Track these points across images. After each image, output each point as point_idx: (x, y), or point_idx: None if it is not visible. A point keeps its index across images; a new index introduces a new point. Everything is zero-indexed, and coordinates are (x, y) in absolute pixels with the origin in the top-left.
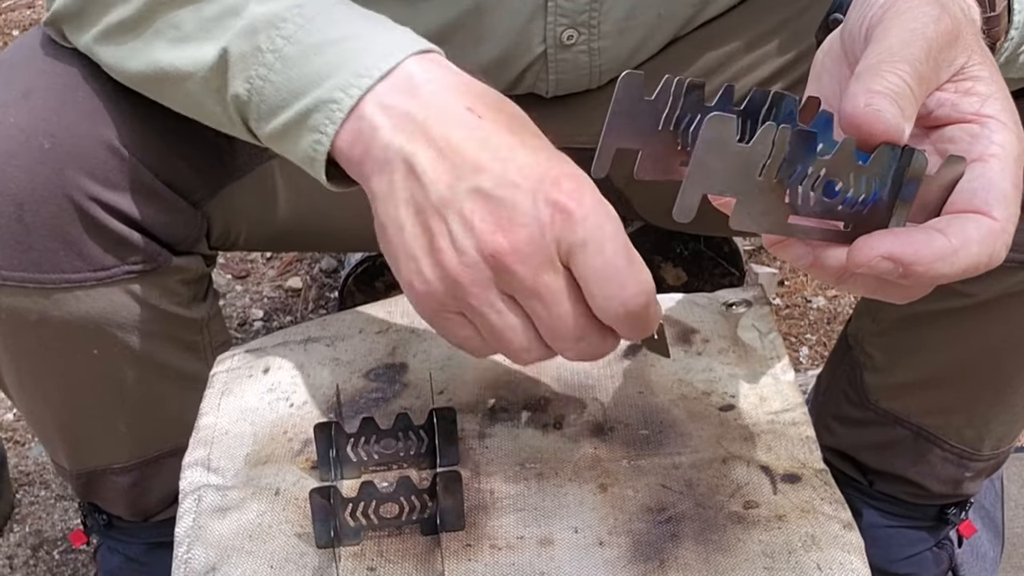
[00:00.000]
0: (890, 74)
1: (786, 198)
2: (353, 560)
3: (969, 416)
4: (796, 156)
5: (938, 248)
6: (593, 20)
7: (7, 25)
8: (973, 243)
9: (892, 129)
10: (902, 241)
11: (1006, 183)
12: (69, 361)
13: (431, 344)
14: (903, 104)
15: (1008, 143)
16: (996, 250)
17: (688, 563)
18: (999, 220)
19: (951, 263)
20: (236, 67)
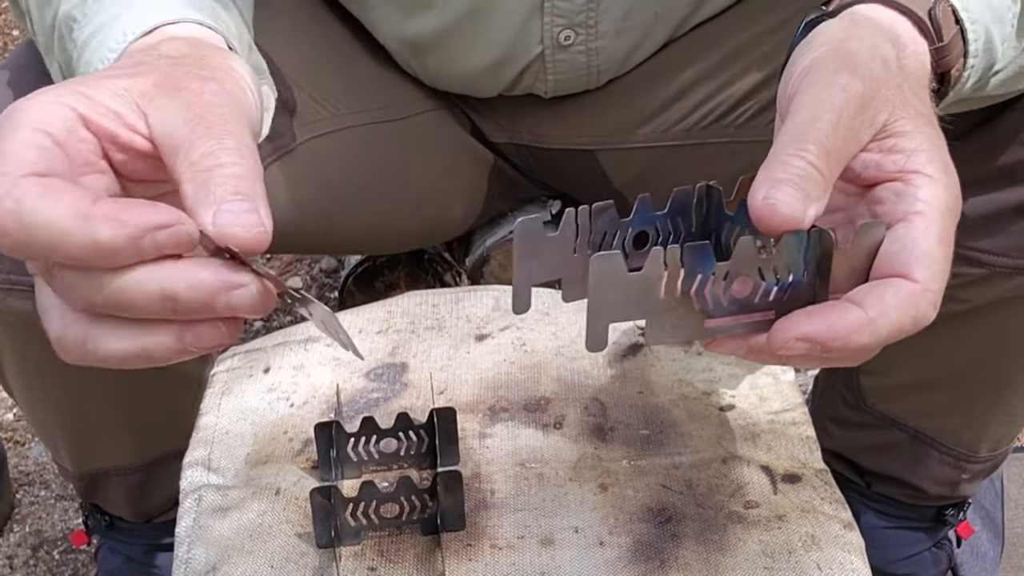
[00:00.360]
0: (793, 158)
1: (696, 306)
2: (353, 560)
3: (965, 419)
4: (694, 269)
5: (852, 322)
6: (590, 20)
7: (7, 25)
8: (891, 310)
9: (789, 220)
10: (815, 320)
11: (929, 241)
12: (73, 364)
13: (431, 344)
14: (807, 186)
15: (934, 197)
16: (920, 311)
17: (688, 563)
18: (920, 281)
19: (870, 333)
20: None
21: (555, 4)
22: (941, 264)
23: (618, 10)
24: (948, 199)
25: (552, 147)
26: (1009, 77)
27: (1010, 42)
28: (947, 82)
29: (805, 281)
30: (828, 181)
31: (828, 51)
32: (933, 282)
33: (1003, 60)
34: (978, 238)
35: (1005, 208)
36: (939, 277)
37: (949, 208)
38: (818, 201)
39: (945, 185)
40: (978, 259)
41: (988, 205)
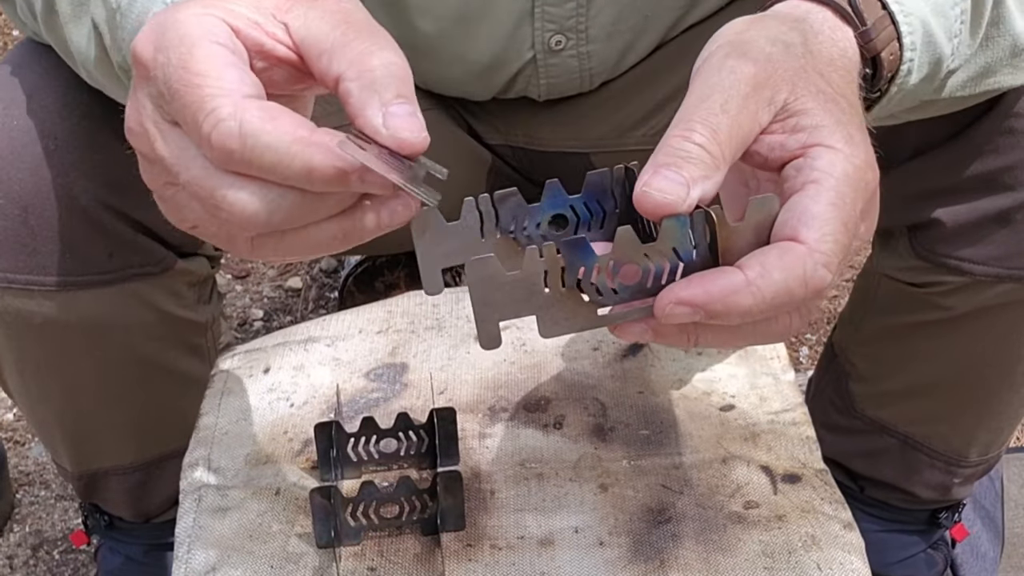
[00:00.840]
0: (677, 139)
1: (585, 297)
2: (353, 560)
3: (954, 425)
4: (574, 262)
5: (729, 283)
6: (580, 25)
7: (7, 25)
8: (774, 270)
9: (663, 205)
10: (693, 284)
11: (818, 205)
12: (73, 363)
13: (431, 344)
14: (690, 169)
15: (831, 165)
16: (808, 272)
17: (688, 563)
18: (806, 242)
19: (751, 294)
20: (107, 37)
21: (545, 10)
22: (833, 226)
23: (608, 14)
24: (847, 167)
25: (547, 149)
26: (971, 77)
27: (962, 39)
28: (880, 66)
29: (696, 261)
30: (718, 160)
31: (724, 43)
32: (822, 243)
33: (958, 58)
34: (959, 247)
35: (985, 217)
36: (831, 239)
37: (848, 175)
38: (705, 181)
39: (846, 155)
40: (959, 267)
41: (968, 214)
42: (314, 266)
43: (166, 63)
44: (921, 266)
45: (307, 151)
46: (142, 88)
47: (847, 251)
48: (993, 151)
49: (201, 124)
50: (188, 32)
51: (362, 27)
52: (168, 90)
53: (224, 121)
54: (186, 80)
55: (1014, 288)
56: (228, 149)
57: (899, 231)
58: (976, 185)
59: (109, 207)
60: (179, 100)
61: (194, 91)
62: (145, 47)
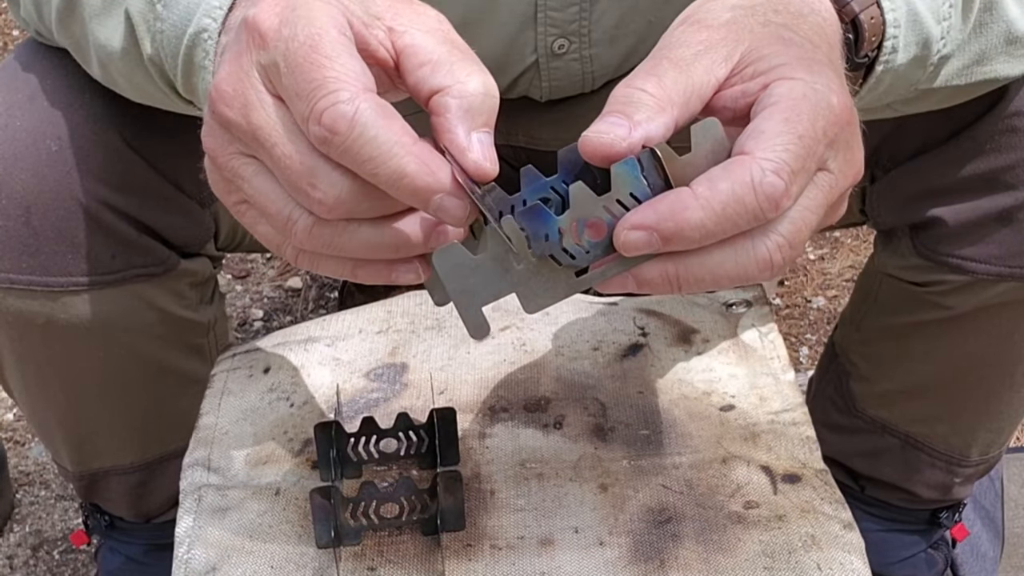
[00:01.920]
0: (621, 88)
1: (560, 263)
2: (353, 560)
3: (954, 424)
4: (537, 230)
5: (676, 199)
6: (583, 29)
7: (7, 25)
8: (719, 181)
9: (603, 146)
10: (643, 208)
11: (769, 122)
12: (74, 364)
13: (431, 344)
14: (631, 111)
15: (790, 89)
16: (756, 177)
17: (688, 563)
18: (752, 152)
19: (700, 207)
20: (140, 28)
21: (548, 14)
22: (784, 137)
23: (611, 18)
24: (806, 90)
25: (548, 149)
26: (965, 65)
27: (953, 23)
28: (861, 29)
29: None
30: (662, 102)
31: (685, 13)
32: (769, 151)
33: (950, 43)
34: (961, 246)
35: (987, 216)
36: (780, 147)
37: (806, 95)
38: (648, 122)
39: (806, 81)
40: (961, 266)
41: (970, 213)
42: None
43: (291, 37)
44: (923, 265)
45: (405, 157)
46: (249, 55)
47: (803, 163)
48: (995, 150)
49: (317, 100)
50: (317, 16)
51: (465, 50)
52: (287, 63)
53: (342, 103)
54: (312, 59)
55: (1015, 287)
56: (335, 130)
57: (901, 230)
58: (978, 184)
59: (111, 207)
60: (300, 74)
61: (319, 70)
62: (269, 17)
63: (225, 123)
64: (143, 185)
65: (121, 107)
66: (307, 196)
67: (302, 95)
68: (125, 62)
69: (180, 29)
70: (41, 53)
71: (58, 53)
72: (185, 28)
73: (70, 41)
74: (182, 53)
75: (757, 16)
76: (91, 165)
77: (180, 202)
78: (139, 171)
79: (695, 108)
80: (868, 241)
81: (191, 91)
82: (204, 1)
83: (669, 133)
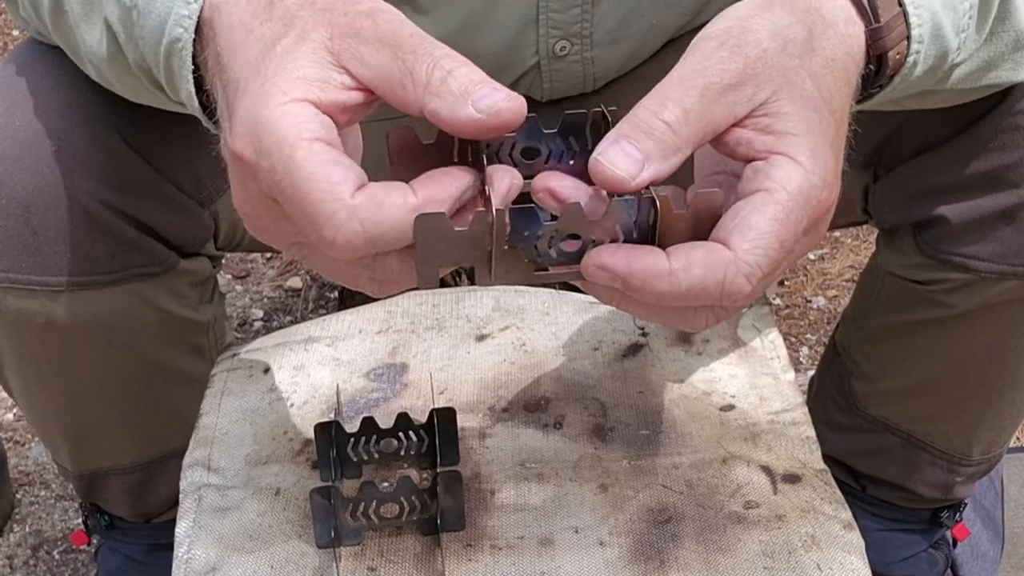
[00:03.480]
0: (648, 115)
1: (524, 259)
2: (353, 560)
3: (956, 423)
4: (520, 228)
5: (652, 265)
6: (585, 31)
7: (7, 25)
8: (696, 267)
9: (613, 180)
10: (619, 255)
11: (760, 216)
12: (74, 363)
13: (431, 344)
14: (651, 146)
15: (786, 178)
16: (728, 279)
17: (688, 563)
18: (734, 250)
19: (669, 282)
20: (122, 35)
21: (549, 16)
22: (767, 241)
23: (612, 20)
24: (804, 184)
25: None
26: (973, 71)
27: (969, 33)
28: (884, 64)
29: (637, 239)
30: (680, 143)
31: (723, 28)
32: (750, 254)
33: (964, 52)
34: (963, 244)
35: (990, 214)
36: (761, 252)
37: (802, 191)
38: (661, 162)
39: (807, 170)
40: (964, 265)
41: (972, 211)
42: None
43: (271, 169)
44: (926, 263)
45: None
46: (250, 182)
47: (776, 267)
48: (998, 148)
49: (322, 230)
50: (283, 135)
51: (413, 45)
52: (281, 195)
53: (344, 225)
54: (297, 187)
55: (1017, 285)
56: (355, 246)
57: (904, 228)
58: (981, 182)
59: (111, 207)
60: (295, 207)
61: (308, 198)
62: (245, 150)
63: (265, 231)
64: (143, 185)
65: (120, 107)
66: (366, 275)
67: (307, 227)
68: (113, 67)
69: (156, 37)
70: (40, 53)
71: (58, 53)
72: (160, 37)
73: (64, 43)
74: (162, 60)
75: (790, 57)
76: (91, 165)
77: (180, 202)
78: (139, 171)
79: (706, 141)
80: (868, 241)
81: (176, 95)
82: (173, 10)
83: (676, 171)
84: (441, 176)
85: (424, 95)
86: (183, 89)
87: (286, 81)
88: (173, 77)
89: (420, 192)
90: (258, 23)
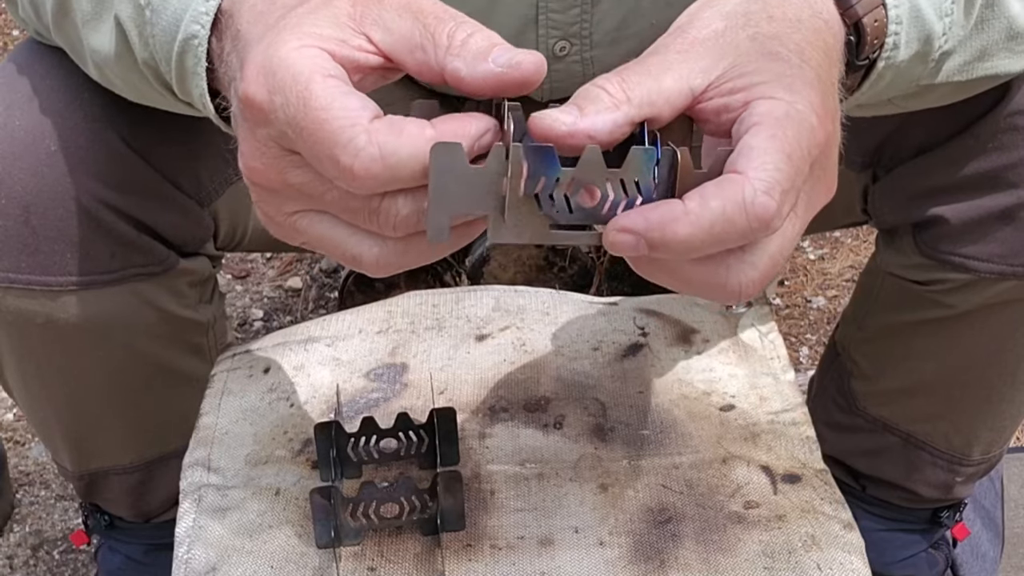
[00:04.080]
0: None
1: (539, 211)
2: (353, 560)
3: (956, 423)
4: (537, 170)
5: (667, 211)
6: (585, 31)
7: (7, 25)
8: (711, 198)
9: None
10: (634, 213)
11: (755, 139)
12: (74, 363)
13: (431, 344)
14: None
15: (771, 108)
16: (747, 197)
17: (688, 563)
18: (744, 171)
19: (689, 223)
20: (132, 33)
21: (549, 16)
22: (773, 156)
23: (612, 20)
24: (789, 109)
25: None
26: (967, 61)
27: (955, 19)
28: (863, 33)
29: (656, 198)
30: (619, 100)
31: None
32: (761, 170)
33: (952, 39)
34: (962, 244)
35: (989, 214)
36: (771, 166)
37: (789, 115)
38: (596, 115)
39: (787, 101)
40: (963, 265)
41: (972, 211)
42: (314, 266)
43: (285, 103)
44: (925, 263)
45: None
46: (260, 129)
47: (792, 182)
48: (997, 148)
49: (339, 156)
50: (299, 70)
51: (434, 10)
52: (294, 129)
53: (363, 149)
54: (312, 117)
55: (1017, 285)
56: (373, 174)
57: (903, 228)
58: (980, 182)
59: (111, 207)
60: (310, 137)
61: (324, 126)
62: (258, 91)
63: (266, 190)
64: (142, 184)
65: (120, 107)
66: (373, 226)
67: (323, 158)
68: (120, 66)
69: (170, 35)
70: (40, 53)
71: (57, 53)
72: (175, 34)
73: (66, 43)
74: (174, 58)
75: (749, 27)
76: (90, 165)
77: (179, 201)
78: (138, 170)
79: (663, 112)
80: (868, 241)
81: (187, 94)
82: (190, 7)
83: (620, 129)
84: (462, 117)
85: (445, 56)
86: (196, 87)
87: (303, 32)
88: (185, 75)
89: (439, 126)
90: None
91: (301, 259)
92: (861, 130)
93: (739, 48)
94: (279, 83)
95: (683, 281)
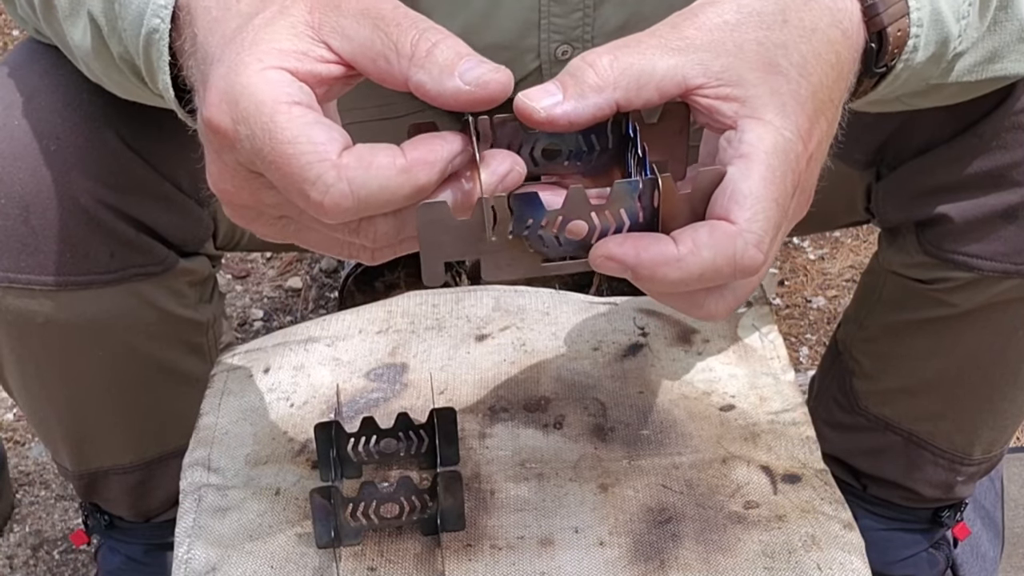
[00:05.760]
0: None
1: (530, 248)
2: (353, 560)
3: (958, 422)
4: (523, 215)
5: (659, 253)
6: (587, 35)
7: (7, 25)
8: (704, 248)
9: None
10: (626, 245)
11: (748, 181)
12: (74, 363)
13: (431, 344)
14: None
15: (760, 138)
16: (739, 252)
17: (688, 563)
18: (737, 222)
19: (679, 268)
20: (105, 28)
21: (551, 20)
22: (764, 203)
23: (614, 23)
24: (777, 139)
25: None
26: (978, 62)
27: (970, 21)
28: (885, 42)
29: (642, 223)
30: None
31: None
32: (753, 223)
33: (966, 40)
34: (966, 243)
35: (992, 213)
36: (762, 217)
37: (778, 146)
38: (578, 100)
39: (776, 126)
40: (966, 263)
41: (975, 210)
42: (314, 266)
43: (250, 135)
44: (928, 262)
45: (412, 176)
46: (227, 154)
47: (779, 229)
48: (1000, 147)
49: (309, 193)
50: (262, 99)
51: (395, 17)
52: (262, 161)
53: (333, 186)
54: (280, 152)
55: (1020, 284)
56: (344, 208)
57: (906, 227)
58: (983, 181)
59: (110, 206)
60: (278, 171)
61: (292, 162)
62: (222, 119)
63: (243, 207)
64: (141, 184)
65: (119, 106)
66: (355, 239)
67: (292, 192)
68: (99, 62)
69: (136, 29)
70: (39, 52)
71: (56, 52)
72: (139, 28)
73: (57, 39)
74: (141, 52)
75: (760, 29)
76: (89, 164)
77: (178, 201)
78: (137, 170)
79: (651, 97)
80: (868, 241)
81: (156, 87)
82: (151, 1)
83: (601, 113)
84: (432, 139)
85: (409, 67)
86: (160, 80)
87: (262, 51)
88: (152, 68)
89: (409, 153)
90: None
91: (301, 259)
92: (864, 128)
93: (742, 50)
94: (243, 113)
95: (660, 296)
